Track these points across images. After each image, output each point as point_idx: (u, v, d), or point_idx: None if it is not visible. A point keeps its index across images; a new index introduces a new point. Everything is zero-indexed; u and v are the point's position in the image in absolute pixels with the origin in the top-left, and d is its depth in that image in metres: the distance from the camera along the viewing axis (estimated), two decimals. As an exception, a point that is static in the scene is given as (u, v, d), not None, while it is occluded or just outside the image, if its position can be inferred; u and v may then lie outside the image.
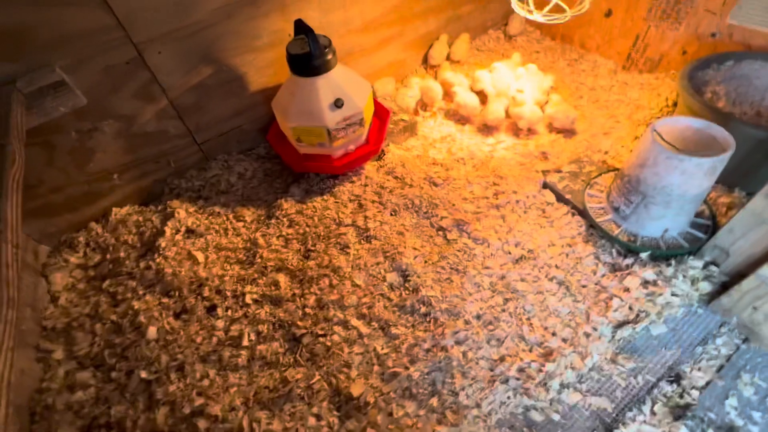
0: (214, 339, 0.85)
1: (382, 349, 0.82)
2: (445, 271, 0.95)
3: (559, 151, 1.20)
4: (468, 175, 1.17)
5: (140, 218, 1.13)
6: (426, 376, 0.78)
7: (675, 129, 0.83)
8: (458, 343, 0.83)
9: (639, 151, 0.83)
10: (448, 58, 1.54)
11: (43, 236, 1.07)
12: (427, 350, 0.81)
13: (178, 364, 0.81)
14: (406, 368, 0.79)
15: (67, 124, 0.96)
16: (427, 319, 0.87)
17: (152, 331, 0.84)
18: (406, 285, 0.93)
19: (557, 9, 1.03)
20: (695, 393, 0.74)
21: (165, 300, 0.93)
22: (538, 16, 1.01)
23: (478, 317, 0.87)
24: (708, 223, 0.89)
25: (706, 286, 0.84)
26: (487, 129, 1.32)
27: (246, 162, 1.26)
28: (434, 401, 0.75)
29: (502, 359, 0.80)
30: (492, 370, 0.79)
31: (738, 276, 0.81)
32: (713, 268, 0.84)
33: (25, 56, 0.84)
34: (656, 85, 1.31)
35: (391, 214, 1.09)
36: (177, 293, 0.94)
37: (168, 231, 1.05)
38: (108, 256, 1.04)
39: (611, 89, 1.37)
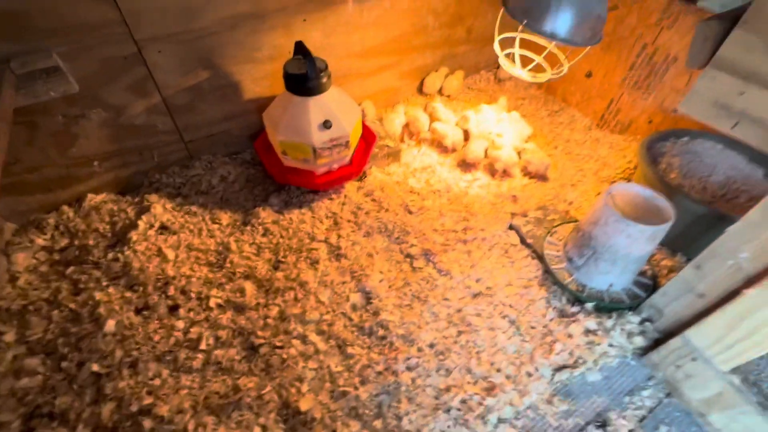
0: (172, 339, 0.86)
1: (336, 367, 0.86)
2: (407, 297, 1.00)
3: (528, 196, 1.28)
4: (442, 207, 1.23)
5: (115, 207, 1.13)
6: (374, 398, 0.82)
7: (628, 194, 0.92)
8: (409, 369, 0.87)
9: (594, 210, 0.91)
10: (440, 90, 1.63)
11: (12, 213, 1.06)
12: (379, 373, 0.85)
13: (132, 360, 0.81)
14: (356, 388, 0.82)
15: (55, 108, 0.97)
16: (383, 343, 0.90)
17: (111, 324, 0.85)
18: (368, 307, 0.97)
19: (540, 68, 1.12)
20: (617, 439, 0.80)
21: (128, 294, 0.93)
22: (522, 73, 1.10)
23: (432, 346, 0.91)
24: (649, 283, 0.97)
25: (640, 341, 0.91)
26: (466, 165, 1.39)
27: (230, 165, 1.28)
28: (378, 423, 0.78)
29: (447, 389, 0.85)
30: (437, 398, 0.84)
31: (668, 334, 0.89)
32: (648, 324, 0.92)
33: (23, 38, 0.85)
34: (623, 146, 1.42)
35: (364, 236, 1.13)
36: (141, 289, 0.94)
37: (141, 225, 1.06)
38: (76, 242, 1.03)
39: (584, 144, 1.48)
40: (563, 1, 0.84)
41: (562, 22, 0.87)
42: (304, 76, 1.01)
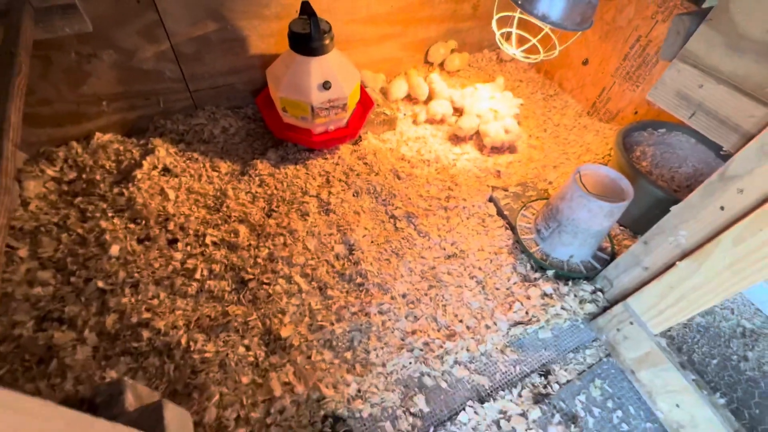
0: (170, 267, 0.95)
1: (316, 305, 0.95)
2: (387, 252, 1.09)
3: (511, 173, 1.36)
4: (429, 175, 1.31)
5: (121, 147, 1.20)
6: (347, 334, 0.92)
7: (597, 174, 1.00)
8: (381, 312, 0.97)
9: (563, 187, 0.99)
10: (442, 64, 1.67)
11: (24, 144, 1.12)
12: (354, 313, 0.95)
13: (133, 281, 0.91)
14: (332, 324, 0.92)
15: (69, 45, 1.02)
16: (361, 289, 1.00)
17: (115, 249, 0.94)
18: (350, 257, 1.06)
19: (534, 49, 1.17)
20: (556, 387, 0.92)
21: (131, 226, 1.02)
22: (516, 52, 1.15)
23: (404, 296, 1.01)
24: (607, 258, 1.07)
25: (590, 307, 1.01)
26: (456, 139, 1.45)
27: (232, 118, 1.34)
28: (348, 354, 0.89)
29: (413, 333, 0.95)
30: (403, 339, 0.94)
31: (615, 303, 0.99)
32: (599, 294, 1.02)
33: (42, -27, 0.89)
34: (608, 134, 1.48)
35: (353, 195, 1.21)
36: (144, 222, 1.03)
37: (146, 165, 1.13)
38: (84, 176, 1.11)
39: (572, 129, 1.54)
40: (556, -15, 0.89)
41: (554, 5, 0.92)
42: (308, 36, 1.06)
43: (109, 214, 1.03)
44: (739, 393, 0.92)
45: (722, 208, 0.71)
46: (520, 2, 0.95)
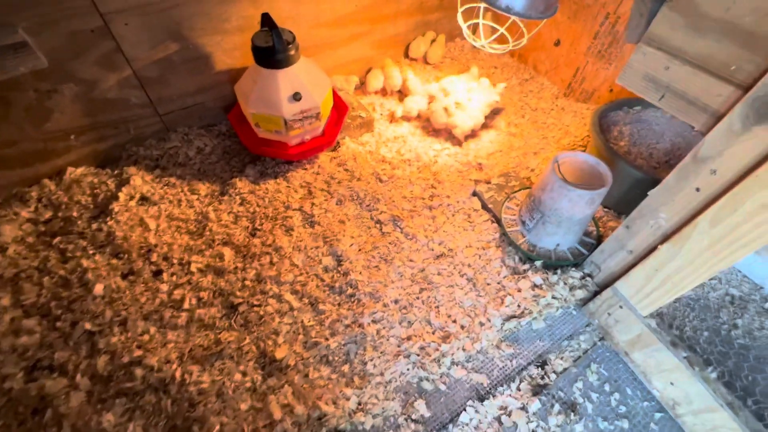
0: (158, 300, 0.94)
1: (309, 321, 0.95)
2: (375, 259, 1.08)
3: (493, 164, 1.35)
4: (411, 175, 1.30)
5: (95, 180, 1.17)
6: (342, 347, 0.92)
7: (575, 162, 1.00)
8: (374, 321, 0.97)
9: (543, 177, 0.99)
10: (425, 57, 1.66)
11: (-6, 188, 1.10)
12: (347, 326, 0.95)
13: (121, 319, 0.90)
14: (326, 339, 0.92)
15: (26, 83, 0.99)
16: (352, 300, 1.00)
17: (99, 288, 0.92)
18: (339, 269, 1.05)
19: (503, 37, 1.16)
20: (553, 376, 0.93)
21: (114, 261, 1.00)
22: (484, 44, 1.13)
23: (396, 302, 1.01)
24: (593, 242, 1.08)
25: (581, 293, 1.02)
26: (435, 132, 1.44)
27: (206, 137, 1.32)
28: (345, 368, 0.89)
29: (408, 338, 0.96)
30: (399, 346, 0.94)
31: (604, 287, 1.00)
32: (588, 279, 1.03)
33: (-13, 14, 0.86)
34: (585, 115, 1.48)
35: (337, 204, 1.21)
36: (126, 256, 1.01)
37: (122, 196, 1.11)
38: (60, 214, 1.08)
39: (550, 113, 1.54)
40: (517, -25, 0.88)
41: (516, -5, 0.91)
42: (271, 49, 1.03)
43: (90, 252, 1.01)
44: (731, 364, 0.94)
45: (698, 189, 0.71)
46: (482, -5, 0.93)
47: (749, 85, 0.63)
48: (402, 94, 1.55)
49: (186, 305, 0.94)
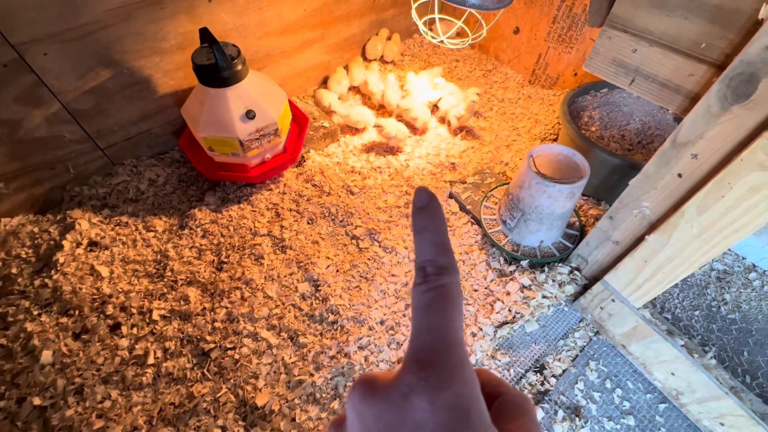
0: (117, 359, 0.84)
1: (290, 358, 0.88)
2: (355, 279, 1.02)
3: (466, 162, 1.31)
4: (383, 184, 1.24)
5: (35, 229, 1.05)
6: (329, 381, 0.85)
7: (550, 154, 0.96)
8: (361, 348, 0.90)
9: (519, 174, 0.94)
10: (382, 57, 1.59)
11: None
12: (332, 357, 0.88)
13: (76, 387, 0.80)
14: (311, 375, 0.85)
15: (-66, 132, 0.87)
16: (335, 327, 0.93)
17: (47, 355, 0.82)
18: (317, 294, 0.98)
19: (460, 32, 1.11)
20: (553, 380, 0.89)
21: (63, 320, 0.89)
22: (444, 39, 1.08)
23: (382, 323, 0.95)
24: (576, 234, 1.04)
25: (570, 289, 0.99)
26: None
27: (158, 167, 1.21)
28: (335, 404, 0.82)
29: (399, 361, 0.90)
30: (390, 370, 0.88)
31: (593, 280, 0.97)
32: (576, 273, 0.99)
33: None
34: (553, 101, 1.45)
35: (308, 223, 1.13)
36: (77, 312, 0.91)
37: (67, 244, 1.00)
38: (-4, 273, 0.96)
39: (517, 102, 1.50)
40: (468, -35, 0.82)
41: (470, -14, 0.85)
42: (215, 67, 0.94)
43: (35, 313, 0.90)
44: (727, 343, 0.92)
45: (680, 175, 0.68)
46: (434, -11, 0.87)
47: (722, 62, 0.60)
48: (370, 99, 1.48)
49: (150, 360, 0.85)
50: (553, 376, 0.90)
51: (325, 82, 1.52)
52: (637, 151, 1.11)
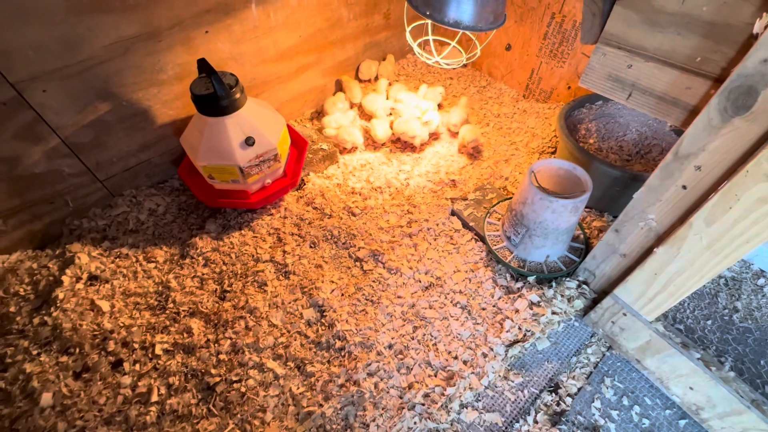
0: (120, 398, 0.82)
1: (298, 388, 0.85)
2: (361, 303, 1.00)
3: (466, 179, 1.31)
4: (385, 204, 1.24)
5: (34, 265, 1.04)
6: (339, 412, 0.83)
7: (550, 169, 0.96)
8: (370, 375, 0.88)
9: (522, 190, 0.94)
10: (376, 77, 1.61)
11: None
12: (341, 386, 0.86)
13: (77, 430, 0.77)
14: (320, 405, 0.83)
15: (-68, 172, 0.86)
16: (342, 354, 0.91)
17: (47, 398, 0.79)
18: (323, 320, 0.96)
19: (455, 51, 1.12)
20: (569, 400, 0.87)
21: (63, 359, 0.87)
22: (439, 59, 1.09)
23: (390, 347, 0.93)
24: (582, 247, 1.04)
25: (579, 303, 0.97)
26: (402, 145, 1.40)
27: (158, 197, 1.21)
28: (346, 435, 0.80)
29: (410, 386, 0.87)
30: (401, 397, 0.86)
31: (602, 293, 0.96)
32: (585, 287, 0.98)
33: None
34: (548, 114, 1.47)
35: (310, 247, 1.12)
36: (77, 350, 0.88)
37: (67, 279, 0.98)
38: (-6, 312, 0.94)
39: (513, 117, 1.52)
40: (461, -11, 0.84)
41: (463, 10, 0.87)
42: (214, 96, 0.95)
43: (34, 352, 0.88)
44: (743, 352, 0.91)
45: (684, 187, 0.68)
46: (428, 13, 0.89)
47: (719, 75, 0.61)
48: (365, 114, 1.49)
49: (154, 397, 0.82)
50: (569, 395, 0.88)
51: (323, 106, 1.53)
52: (636, 161, 1.12)
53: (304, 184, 1.28)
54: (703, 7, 0.59)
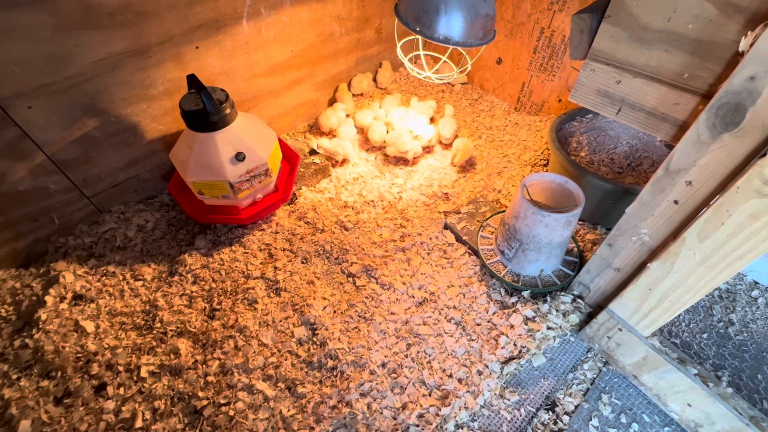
0: (102, 424, 0.78)
1: (288, 411, 0.83)
2: (353, 320, 0.98)
3: (459, 192, 1.30)
4: (378, 218, 1.23)
5: (17, 284, 1.01)
6: (331, 435, 0.80)
7: (543, 183, 0.96)
8: (363, 395, 0.86)
9: (514, 204, 0.93)
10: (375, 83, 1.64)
11: None
12: (333, 407, 0.83)
13: (57, 459, 0.74)
14: (312, 429, 0.80)
15: None
16: (334, 373, 0.89)
17: (25, 425, 0.76)
18: (315, 339, 0.94)
19: (446, 66, 1.13)
20: (566, 418, 0.85)
21: (44, 383, 0.84)
22: (430, 74, 1.10)
23: (383, 365, 0.91)
24: (576, 260, 1.03)
25: (575, 318, 0.96)
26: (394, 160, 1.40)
27: (147, 212, 1.18)
28: (339, 460, 0.77)
29: (404, 407, 0.85)
30: (395, 418, 0.84)
31: (598, 307, 0.95)
32: (579, 301, 0.97)
33: None
34: (540, 127, 1.48)
35: (302, 262, 1.10)
36: (59, 373, 0.85)
37: (50, 299, 0.95)
38: (-27, 335, 0.91)
39: (505, 129, 1.52)
40: (450, 7, 0.84)
41: (453, 26, 0.87)
42: (203, 112, 0.94)
43: (14, 377, 0.84)
44: (739, 366, 0.90)
45: (676, 202, 0.67)
46: (418, 29, 0.89)
47: (707, 91, 0.61)
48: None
49: (139, 423, 0.79)
50: (566, 413, 0.86)
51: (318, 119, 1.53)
52: (628, 174, 1.12)
53: (296, 199, 1.26)
54: (689, 25, 0.60)
